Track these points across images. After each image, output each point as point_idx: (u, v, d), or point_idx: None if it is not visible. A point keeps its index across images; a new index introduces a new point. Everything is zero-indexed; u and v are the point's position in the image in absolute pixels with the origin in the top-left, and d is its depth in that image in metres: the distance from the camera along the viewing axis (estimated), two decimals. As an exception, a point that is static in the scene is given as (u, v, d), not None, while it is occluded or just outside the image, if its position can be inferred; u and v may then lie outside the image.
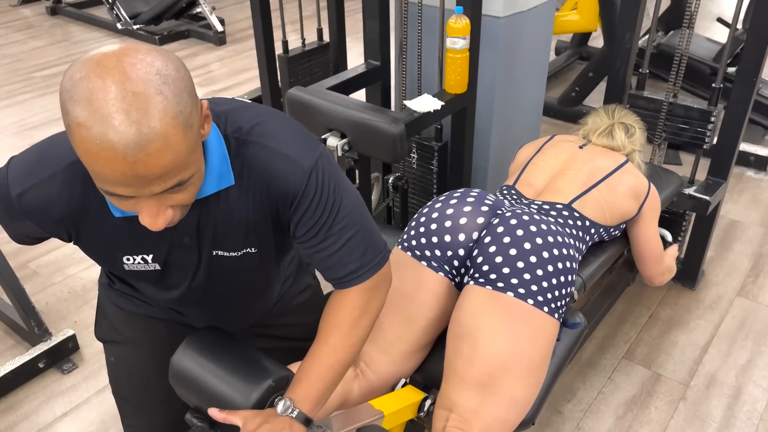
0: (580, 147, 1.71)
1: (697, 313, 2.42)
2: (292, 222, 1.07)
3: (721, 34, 4.28)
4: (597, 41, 4.53)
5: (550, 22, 2.59)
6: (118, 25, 5.23)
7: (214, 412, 1.10)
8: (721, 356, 2.24)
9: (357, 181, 2.44)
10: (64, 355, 2.26)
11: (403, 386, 1.41)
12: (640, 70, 2.29)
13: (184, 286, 1.18)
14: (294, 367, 1.19)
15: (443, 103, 2.21)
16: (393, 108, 2.80)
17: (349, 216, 1.07)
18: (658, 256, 1.79)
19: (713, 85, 2.14)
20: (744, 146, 3.29)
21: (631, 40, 2.23)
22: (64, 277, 2.66)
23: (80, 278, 2.65)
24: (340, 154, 2.17)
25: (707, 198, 2.17)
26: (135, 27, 5.18)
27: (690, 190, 2.20)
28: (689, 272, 2.53)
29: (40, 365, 2.20)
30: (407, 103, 2.23)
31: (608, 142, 1.72)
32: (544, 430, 1.99)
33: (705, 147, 2.22)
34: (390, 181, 2.54)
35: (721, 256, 2.71)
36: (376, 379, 1.39)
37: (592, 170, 1.61)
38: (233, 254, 1.12)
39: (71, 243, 1.10)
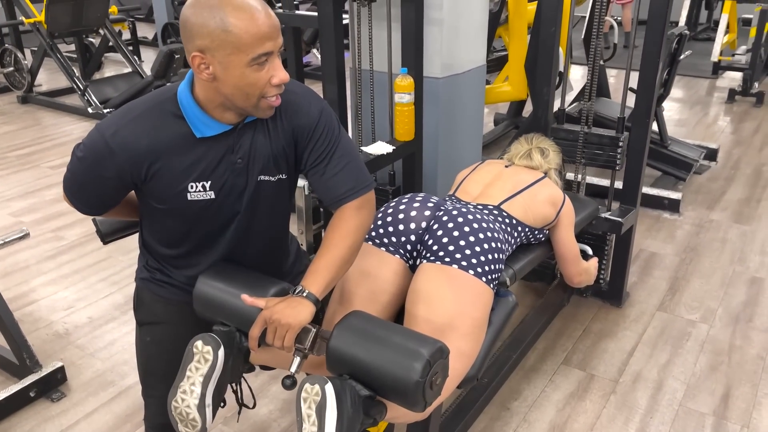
0: (506, 167, 2.10)
1: (624, 326, 2.76)
2: (306, 150, 1.45)
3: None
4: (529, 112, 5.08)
5: (482, 83, 3.05)
6: (89, 110, 5.57)
7: (245, 297, 1.37)
8: (644, 358, 2.56)
9: (322, 220, 2.77)
10: (53, 385, 2.43)
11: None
12: (560, 107, 2.72)
13: (230, 217, 1.46)
14: None
15: (394, 147, 2.59)
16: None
17: (346, 148, 1.47)
18: (575, 257, 2.14)
19: (618, 116, 2.58)
20: (660, 192, 3.76)
21: (549, 92, 2.68)
22: (48, 323, 2.85)
23: (63, 323, 2.84)
24: (306, 193, 2.51)
25: (620, 220, 2.57)
26: (105, 111, 5.53)
27: (606, 214, 2.60)
28: (615, 292, 2.89)
29: (31, 394, 2.36)
30: (363, 148, 2.60)
31: (528, 162, 2.11)
32: (495, 423, 2.25)
33: (617, 169, 2.61)
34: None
35: (643, 281, 3.09)
36: None
37: (517, 182, 1.99)
38: (272, 179, 1.45)
39: (143, 183, 1.39)
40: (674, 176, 4.03)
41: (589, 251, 2.43)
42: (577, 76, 6.49)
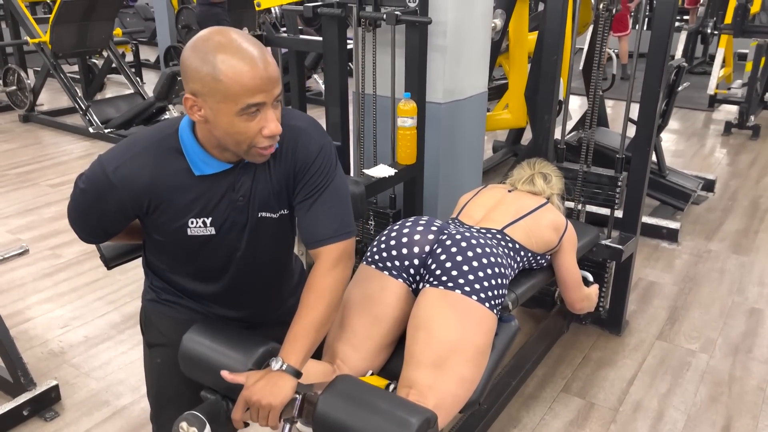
0: (509, 191, 2.11)
1: (624, 354, 2.75)
2: (298, 185, 1.42)
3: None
4: (528, 141, 5.11)
5: (483, 110, 3.08)
6: (91, 129, 5.60)
7: (225, 374, 1.34)
8: (644, 387, 2.55)
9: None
10: (47, 404, 2.40)
11: (369, 376, 1.67)
12: (558, 145, 2.75)
13: (231, 252, 1.45)
14: None
15: (396, 171, 2.60)
16: (353, 175, 3.19)
17: (337, 190, 1.44)
18: (577, 283, 2.14)
19: (617, 156, 2.62)
20: (658, 221, 3.78)
21: (550, 120, 2.71)
22: (43, 341, 2.82)
23: (59, 341, 2.82)
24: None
25: (620, 247, 2.57)
26: (106, 131, 5.55)
27: (606, 242, 2.60)
28: (614, 321, 2.88)
29: (25, 413, 2.33)
30: (366, 170, 2.61)
31: (530, 188, 2.12)
32: (494, 451, 2.23)
33: (616, 208, 2.65)
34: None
35: (642, 310, 3.08)
36: (350, 372, 1.64)
37: (520, 207, 1.99)
38: (273, 216, 1.44)
39: (145, 216, 1.39)
40: (672, 206, 4.04)
41: (590, 278, 2.43)
42: (575, 105, 6.56)
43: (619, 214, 2.73)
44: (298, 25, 5.33)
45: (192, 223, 1.40)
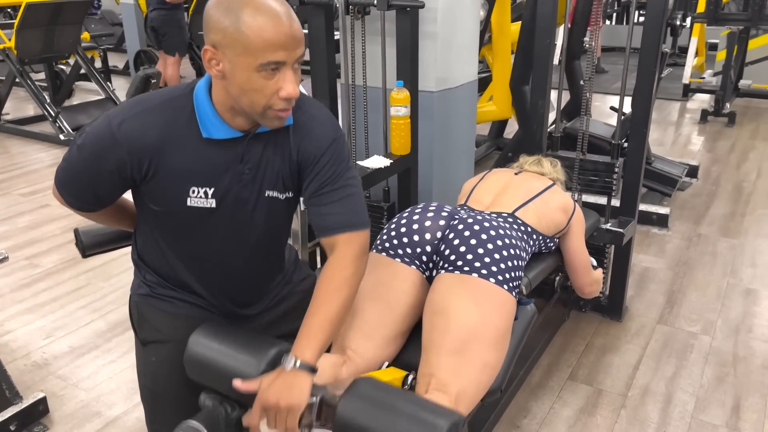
0: (516, 174, 2.06)
1: (626, 339, 2.72)
2: (308, 177, 1.36)
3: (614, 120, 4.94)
4: (510, 135, 5.09)
5: (474, 98, 3.03)
6: (61, 137, 5.42)
7: (237, 383, 1.26)
8: (650, 371, 2.52)
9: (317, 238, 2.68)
10: (34, 417, 2.27)
11: (386, 368, 1.60)
12: (552, 134, 2.71)
13: (229, 231, 1.37)
14: None
15: (391, 161, 2.54)
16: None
17: (350, 183, 1.39)
18: (586, 266, 2.10)
19: (612, 141, 2.58)
20: (648, 207, 3.77)
21: (543, 106, 2.67)
22: (26, 353, 2.68)
23: (42, 353, 2.68)
24: (302, 209, 2.43)
25: (621, 231, 2.54)
26: (78, 137, 5.38)
27: (607, 226, 2.57)
28: (615, 307, 2.85)
29: (12, 428, 2.20)
30: (360, 162, 2.54)
31: (538, 168, 2.08)
32: (506, 443, 2.17)
33: (613, 195, 2.61)
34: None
35: (640, 295, 3.06)
36: (363, 363, 1.57)
37: (528, 189, 1.94)
38: (279, 196, 1.37)
39: (142, 181, 1.31)
40: (660, 192, 4.05)
41: (594, 262, 2.39)
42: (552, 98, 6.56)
43: (614, 202, 2.70)
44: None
45: (193, 192, 1.32)
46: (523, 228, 1.83)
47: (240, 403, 1.34)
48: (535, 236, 1.87)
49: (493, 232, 1.62)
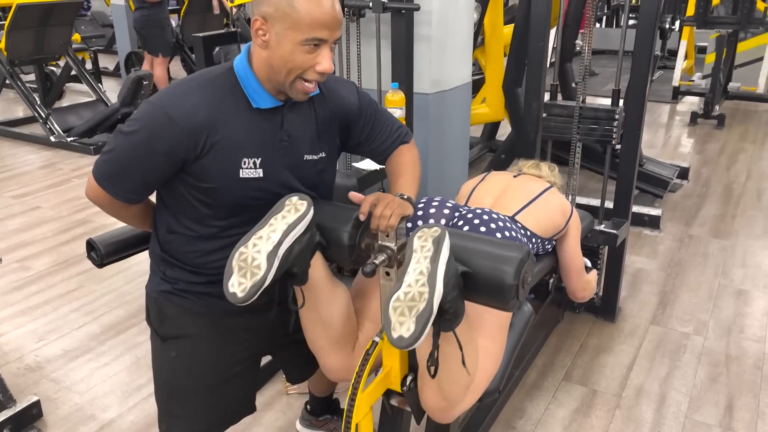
0: (515, 176, 2.07)
1: (620, 340, 2.74)
2: (356, 128, 1.58)
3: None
4: (502, 137, 5.11)
5: (468, 100, 3.04)
6: (52, 138, 5.39)
7: (353, 194, 1.49)
8: (644, 371, 2.53)
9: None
10: (28, 421, 2.25)
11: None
12: (551, 83, 2.70)
13: (272, 198, 1.41)
14: None
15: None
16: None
17: (383, 113, 1.65)
18: (580, 269, 2.11)
19: (613, 88, 2.56)
20: (639, 209, 3.79)
21: (538, 108, 2.68)
22: (18, 356, 2.67)
23: (35, 356, 2.66)
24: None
25: (615, 232, 2.56)
26: (69, 139, 5.35)
27: (601, 227, 2.59)
28: (608, 308, 2.87)
29: (5, 431, 2.19)
30: (355, 164, 2.55)
31: (536, 171, 2.10)
32: (502, 443, 2.18)
33: (613, 143, 2.56)
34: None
35: (633, 296, 3.08)
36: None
37: (527, 191, 1.95)
38: (314, 157, 1.47)
39: (195, 161, 1.35)
40: (651, 194, 4.08)
41: (588, 263, 2.40)
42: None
43: (607, 204, 2.71)
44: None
45: (244, 163, 1.38)
46: (523, 231, 1.84)
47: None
48: (534, 239, 1.88)
49: (501, 224, 1.67)
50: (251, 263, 1.26)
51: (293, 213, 1.33)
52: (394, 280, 1.38)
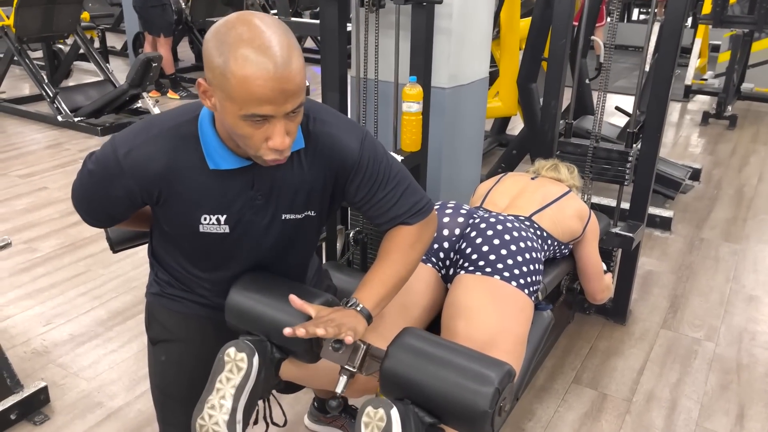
0: (532, 178, 2.04)
1: (630, 344, 2.72)
2: (351, 186, 1.31)
3: (618, 120, 4.93)
4: (513, 131, 5.07)
5: (485, 95, 3.00)
6: (59, 118, 5.35)
7: (293, 298, 1.25)
8: (655, 377, 2.52)
9: (325, 233, 2.66)
10: (35, 407, 2.24)
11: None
12: (566, 120, 2.68)
13: (248, 251, 1.33)
14: None
15: (401, 158, 2.51)
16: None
17: (399, 174, 1.34)
18: (599, 273, 2.09)
19: (627, 130, 2.55)
20: (651, 210, 3.75)
21: (556, 106, 2.64)
22: (25, 340, 2.65)
23: (42, 340, 2.65)
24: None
25: (631, 235, 2.53)
26: (76, 119, 5.31)
27: (616, 230, 2.56)
28: (619, 310, 2.85)
29: (12, 417, 2.17)
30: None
31: (555, 174, 2.06)
32: (511, 445, 2.16)
33: (626, 184, 2.57)
34: (351, 235, 2.77)
35: (644, 299, 3.06)
36: None
37: (545, 194, 1.93)
38: (298, 216, 1.32)
39: (154, 206, 1.27)
40: (663, 195, 4.05)
41: (604, 267, 2.38)
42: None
43: (626, 199, 2.68)
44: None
45: (205, 219, 1.28)
46: (539, 232, 1.81)
47: (281, 350, 1.32)
48: (550, 241, 1.85)
49: (516, 234, 1.62)
50: None
51: (236, 373, 1.24)
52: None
